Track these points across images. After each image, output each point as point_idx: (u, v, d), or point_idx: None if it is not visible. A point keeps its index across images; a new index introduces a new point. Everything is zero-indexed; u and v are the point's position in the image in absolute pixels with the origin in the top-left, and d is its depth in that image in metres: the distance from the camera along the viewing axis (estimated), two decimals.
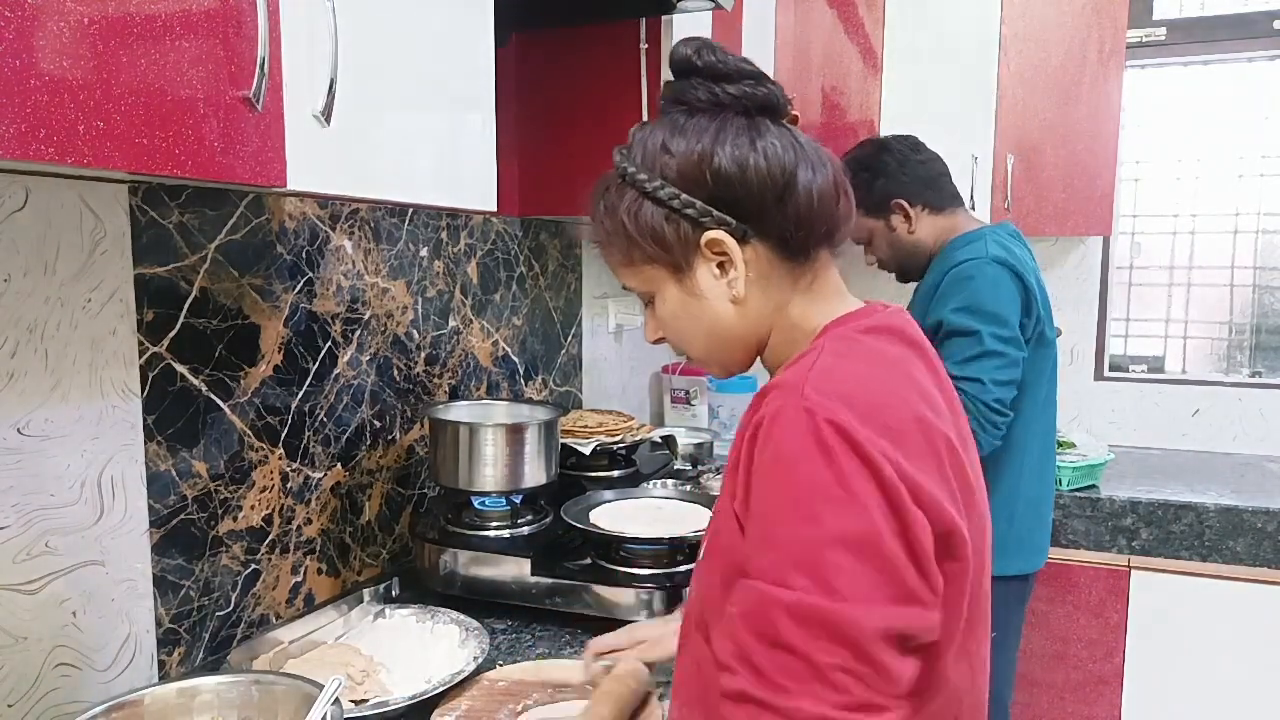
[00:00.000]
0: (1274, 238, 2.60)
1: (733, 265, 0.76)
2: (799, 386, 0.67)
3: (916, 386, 0.72)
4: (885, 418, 0.67)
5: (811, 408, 0.65)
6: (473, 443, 1.40)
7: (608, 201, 0.80)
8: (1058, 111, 2.36)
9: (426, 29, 1.04)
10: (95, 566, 1.02)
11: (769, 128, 0.76)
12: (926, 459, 0.68)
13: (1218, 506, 2.08)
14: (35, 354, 0.95)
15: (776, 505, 0.66)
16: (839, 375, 0.69)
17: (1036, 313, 1.69)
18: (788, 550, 0.65)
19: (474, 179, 1.15)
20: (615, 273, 0.84)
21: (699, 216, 0.75)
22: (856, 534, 0.63)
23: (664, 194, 0.75)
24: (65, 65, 0.61)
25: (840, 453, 0.64)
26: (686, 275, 0.78)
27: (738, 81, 0.76)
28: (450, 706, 1.06)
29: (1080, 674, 2.19)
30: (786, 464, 0.66)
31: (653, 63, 1.62)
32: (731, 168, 0.74)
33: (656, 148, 0.76)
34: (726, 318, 0.79)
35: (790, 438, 0.66)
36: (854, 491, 0.63)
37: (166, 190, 1.08)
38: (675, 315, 0.81)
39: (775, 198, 0.74)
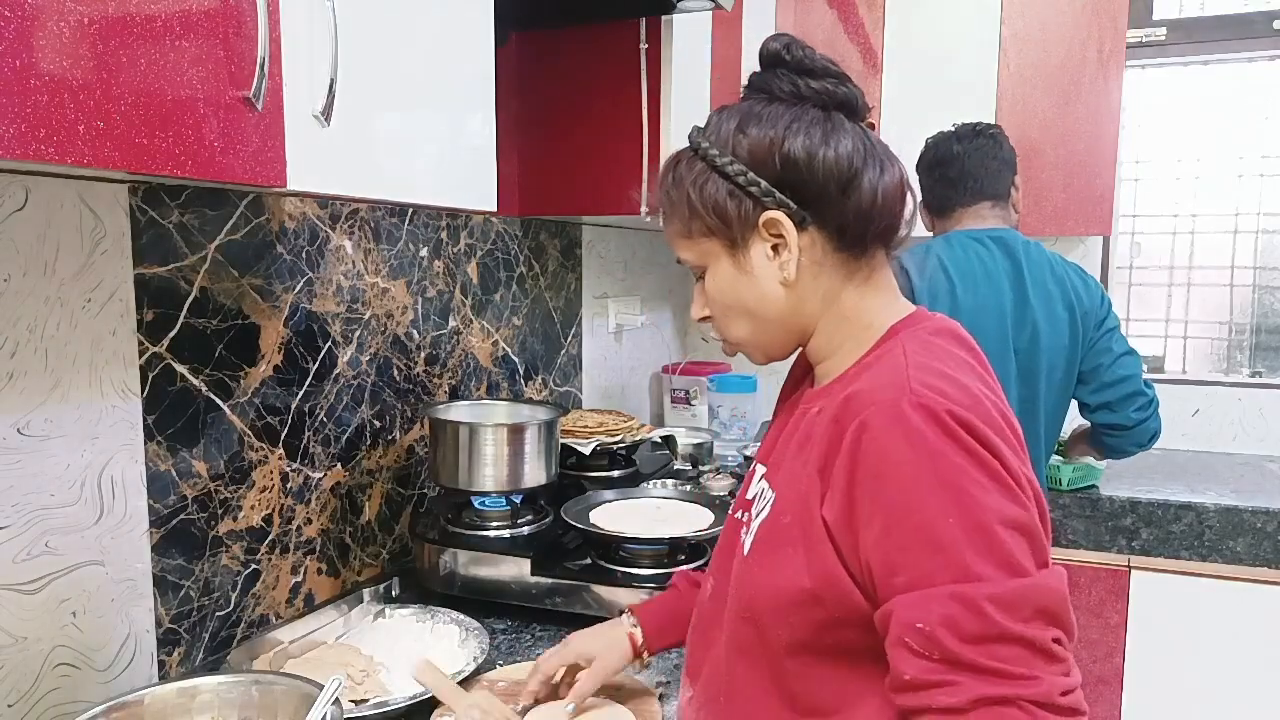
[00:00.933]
0: (1274, 238, 2.60)
1: (787, 248, 0.78)
2: (903, 385, 0.69)
3: (989, 383, 0.76)
4: (987, 415, 0.69)
5: (928, 403, 0.67)
6: (473, 443, 1.40)
7: (677, 173, 0.82)
8: (1058, 111, 2.36)
9: (426, 29, 1.04)
10: (95, 566, 1.02)
11: (844, 124, 0.78)
12: (1017, 454, 0.70)
13: (1218, 506, 2.08)
14: (35, 354, 0.95)
15: (924, 505, 0.66)
16: (938, 375, 0.70)
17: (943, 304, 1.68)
18: (960, 544, 0.64)
19: (474, 179, 1.15)
20: (672, 244, 0.85)
21: (761, 195, 0.77)
22: (1012, 515, 0.66)
23: (732, 170, 0.78)
24: (65, 65, 0.61)
25: (972, 444, 0.66)
26: (741, 252, 0.80)
27: (821, 78, 0.79)
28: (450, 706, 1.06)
29: (1080, 674, 2.19)
30: (918, 462, 0.66)
31: (653, 62, 1.62)
32: (800, 154, 0.76)
33: (732, 128, 0.79)
34: (773, 299, 0.80)
35: (913, 436, 0.66)
36: (997, 477, 0.66)
37: (166, 190, 1.08)
38: (723, 291, 0.82)
39: (839, 189, 0.76)
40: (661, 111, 1.62)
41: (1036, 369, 1.71)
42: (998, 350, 1.68)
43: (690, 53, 1.71)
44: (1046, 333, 1.70)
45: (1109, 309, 1.79)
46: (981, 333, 1.70)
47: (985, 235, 1.75)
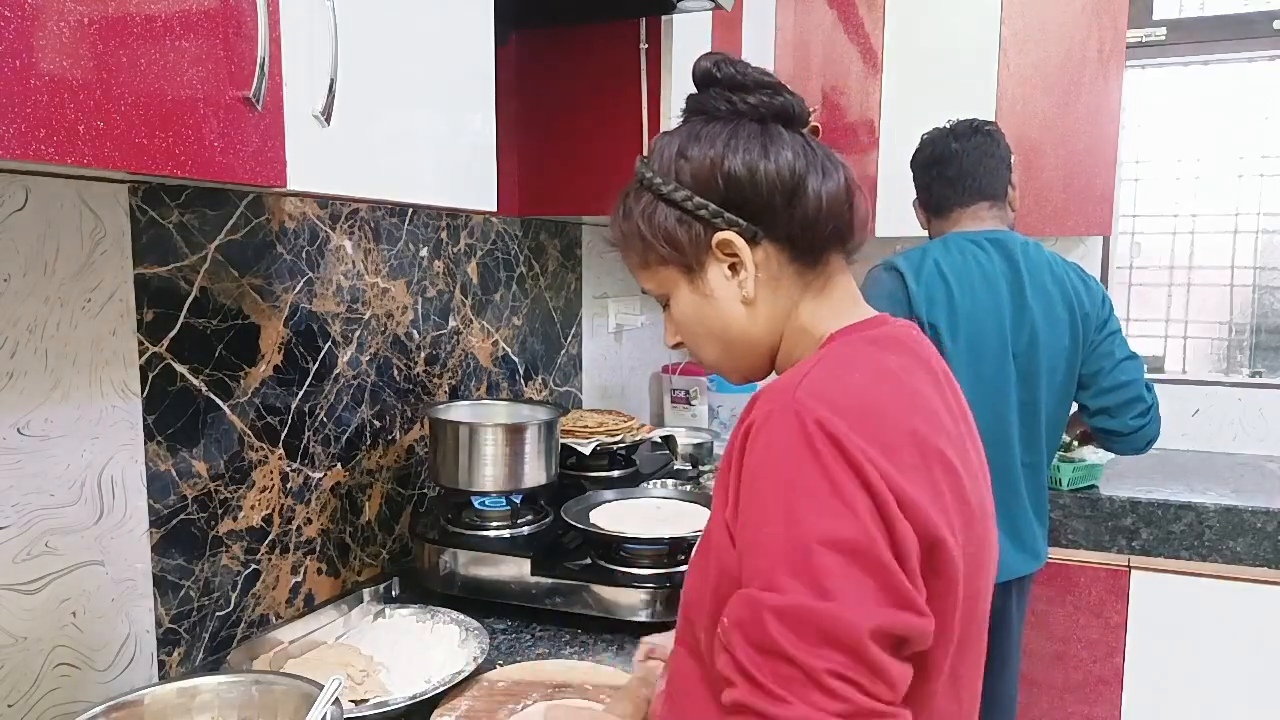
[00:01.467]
0: (1274, 237, 2.60)
1: (743, 266, 0.78)
2: (791, 389, 0.68)
3: (915, 399, 0.72)
4: (876, 427, 0.66)
5: (800, 410, 0.65)
6: (473, 443, 1.40)
7: (626, 206, 0.83)
8: (1058, 111, 2.36)
9: (426, 29, 1.04)
10: (95, 566, 1.02)
11: (781, 134, 0.78)
12: (918, 472, 0.67)
13: (1218, 506, 2.08)
14: (35, 354, 0.95)
15: (762, 508, 0.66)
16: (834, 381, 0.69)
17: (919, 314, 1.66)
18: (775, 553, 0.64)
19: (474, 179, 1.15)
20: (634, 275, 0.86)
21: (710, 218, 0.77)
22: (844, 536, 0.62)
23: (678, 196, 0.78)
24: (65, 65, 0.61)
25: (828, 455, 0.64)
26: (699, 276, 0.80)
27: (755, 91, 0.79)
28: (450, 706, 1.06)
29: (1080, 674, 2.19)
30: (773, 465, 0.66)
31: (653, 62, 1.62)
32: (741, 171, 0.76)
33: (673, 154, 0.79)
34: (738, 320, 0.80)
35: (778, 439, 0.66)
36: (842, 494, 0.63)
37: (166, 190, 1.08)
38: (689, 317, 0.83)
39: (784, 200, 0.76)
40: (661, 111, 1.62)
41: (1037, 371, 1.70)
42: (996, 354, 1.68)
43: (690, 53, 1.70)
44: (1046, 335, 1.69)
45: (1110, 311, 1.77)
46: (980, 336, 1.70)
47: (983, 237, 1.74)
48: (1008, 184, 1.81)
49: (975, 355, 1.67)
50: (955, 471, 0.70)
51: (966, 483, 0.72)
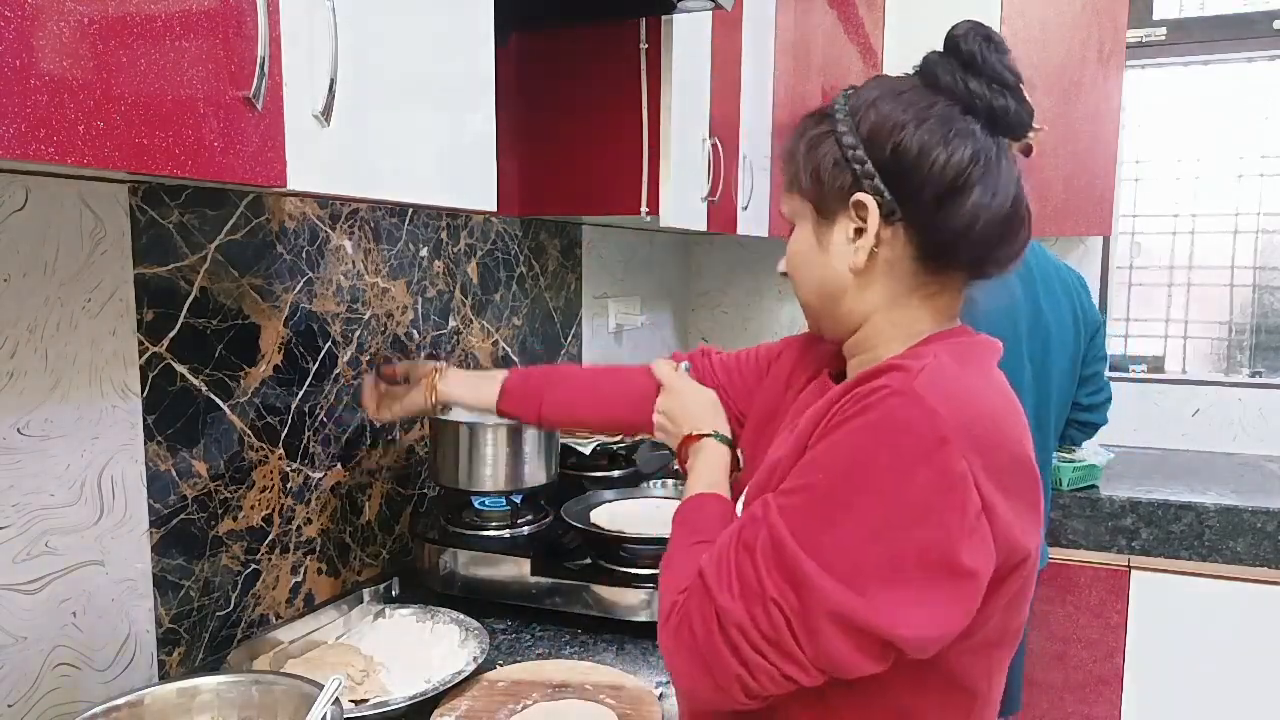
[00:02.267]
0: (1274, 237, 2.60)
1: (867, 235, 0.75)
2: (914, 374, 0.67)
3: (1016, 411, 0.73)
4: (984, 433, 0.67)
5: (920, 398, 0.65)
6: (473, 443, 1.40)
7: (805, 124, 0.81)
8: (1058, 111, 2.36)
9: (426, 29, 1.04)
10: (95, 566, 1.02)
11: (974, 133, 0.74)
12: (1019, 498, 0.68)
13: (1218, 506, 2.08)
14: (35, 354, 0.95)
15: (831, 458, 0.67)
16: (953, 379, 0.69)
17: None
18: (811, 494, 0.66)
19: (474, 179, 1.15)
20: (782, 193, 0.85)
21: (861, 175, 0.75)
22: (882, 518, 0.64)
23: (846, 140, 0.76)
24: (65, 65, 0.61)
25: (918, 451, 0.64)
26: (825, 223, 0.79)
27: (982, 80, 0.75)
28: (450, 706, 1.06)
29: (1080, 674, 2.19)
30: (860, 431, 0.66)
31: (653, 63, 1.62)
32: (912, 148, 0.73)
33: (869, 100, 0.76)
34: (837, 282, 0.79)
35: (884, 413, 0.66)
36: (925, 502, 0.64)
37: (166, 190, 1.08)
38: (800, 255, 0.82)
39: (935, 197, 0.73)
40: (661, 111, 1.62)
41: (1049, 373, 1.70)
42: (1012, 354, 1.67)
43: (690, 53, 1.71)
44: (1057, 337, 1.70)
45: (1099, 313, 1.85)
46: (998, 337, 1.70)
47: None
48: None
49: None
50: (1039, 483, 0.72)
51: (1040, 493, 0.73)
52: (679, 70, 1.65)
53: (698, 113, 1.76)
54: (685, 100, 1.69)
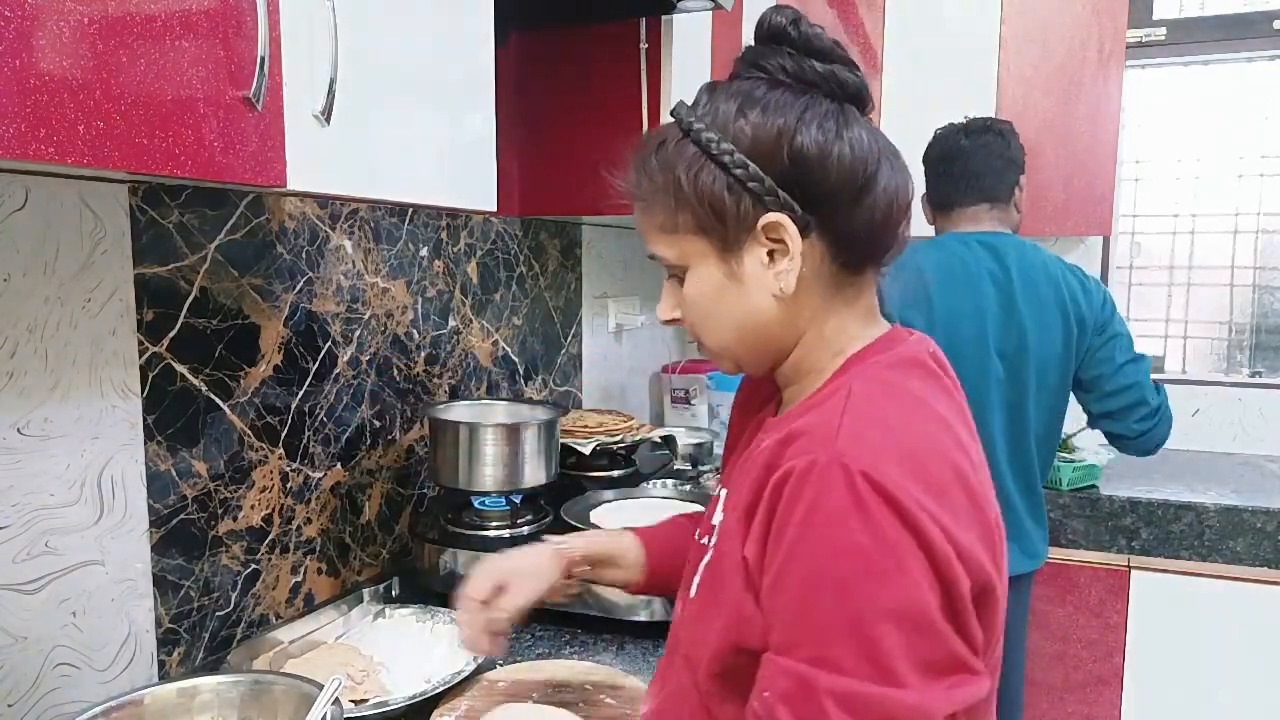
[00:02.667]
0: (1274, 237, 2.60)
1: (786, 256, 0.69)
2: (831, 436, 0.61)
3: (948, 429, 0.67)
4: (925, 471, 0.61)
5: (846, 463, 0.59)
6: (473, 443, 1.40)
7: (664, 156, 0.72)
8: (1058, 111, 2.36)
9: (426, 28, 1.04)
10: (95, 566, 1.02)
11: (857, 118, 0.70)
12: (968, 513, 0.63)
13: (1218, 506, 2.08)
14: (35, 354, 0.95)
15: (814, 575, 0.60)
16: (873, 423, 0.63)
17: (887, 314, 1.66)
18: (831, 627, 0.58)
19: (474, 179, 1.15)
20: (648, 238, 0.75)
21: (764, 194, 0.68)
22: (906, 608, 0.58)
23: (731, 160, 0.68)
24: (65, 65, 0.61)
25: (882, 516, 0.58)
26: (732, 256, 0.71)
27: (830, 61, 0.70)
28: (450, 706, 1.06)
29: (1080, 674, 2.19)
30: (823, 528, 0.59)
31: (653, 63, 1.62)
32: (812, 150, 0.67)
33: (732, 111, 0.69)
34: (763, 312, 0.72)
35: (826, 498, 0.59)
36: (900, 560, 0.58)
37: (166, 190, 1.08)
38: (706, 297, 0.73)
39: (851, 196, 0.68)
40: (661, 112, 1.62)
41: (1025, 374, 1.69)
42: (975, 355, 1.67)
43: (690, 53, 1.71)
44: (1036, 337, 1.68)
45: (1112, 314, 1.75)
46: (957, 336, 1.69)
47: (973, 239, 1.74)
48: (1014, 186, 1.80)
49: (953, 355, 1.66)
50: (991, 502, 0.67)
51: (995, 510, 0.68)
52: (679, 70, 1.65)
53: None
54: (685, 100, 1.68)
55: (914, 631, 0.58)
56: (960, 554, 0.60)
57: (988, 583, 0.63)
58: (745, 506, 0.67)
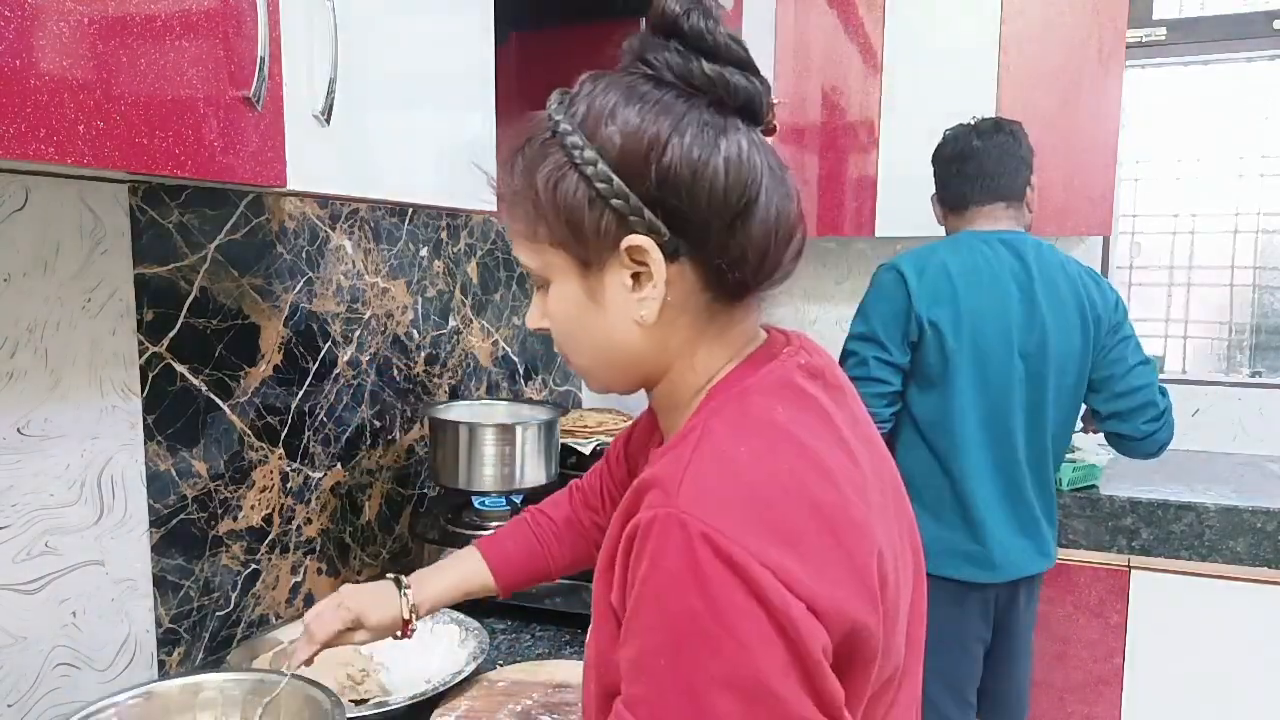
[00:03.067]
0: (1274, 237, 2.60)
1: (650, 281, 0.62)
2: (674, 488, 0.57)
3: (813, 460, 0.60)
4: (774, 517, 0.56)
5: (685, 519, 0.55)
6: (473, 443, 1.40)
7: (529, 155, 0.65)
8: (1058, 111, 2.36)
9: (426, 28, 1.04)
10: (95, 566, 1.02)
11: (740, 132, 0.62)
12: (828, 552, 0.57)
13: (1218, 506, 2.08)
14: (35, 354, 0.95)
15: (650, 634, 0.56)
16: (719, 470, 0.58)
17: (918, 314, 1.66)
18: (664, 691, 0.55)
19: (474, 179, 1.15)
20: (513, 242, 0.69)
21: (628, 213, 0.61)
22: (739, 677, 0.54)
23: (594, 172, 0.61)
24: (65, 65, 0.61)
25: (715, 577, 0.54)
26: (593, 276, 0.64)
27: (719, 62, 0.62)
28: (450, 706, 1.06)
29: (1080, 674, 2.19)
30: (659, 588, 0.56)
31: None
32: (683, 170, 0.60)
33: (604, 111, 0.62)
34: (623, 338, 0.65)
35: (663, 557, 0.55)
36: (732, 626, 0.53)
37: (166, 190, 1.08)
38: (567, 315, 0.67)
39: (724, 223, 0.61)
40: None
41: (1045, 372, 1.70)
42: (1002, 353, 1.68)
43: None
44: (1056, 336, 1.69)
45: (1124, 316, 1.77)
46: (984, 336, 1.70)
47: (994, 237, 1.74)
48: (1026, 185, 1.81)
49: (979, 354, 1.67)
50: (868, 532, 0.60)
51: (879, 533, 0.62)
52: None
53: None
54: None
55: (750, 700, 0.54)
56: (814, 607, 0.55)
57: (856, 626, 0.57)
58: (609, 552, 0.64)
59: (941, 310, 1.66)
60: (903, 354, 1.69)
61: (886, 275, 1.73)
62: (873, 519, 0.61)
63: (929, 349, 1.67)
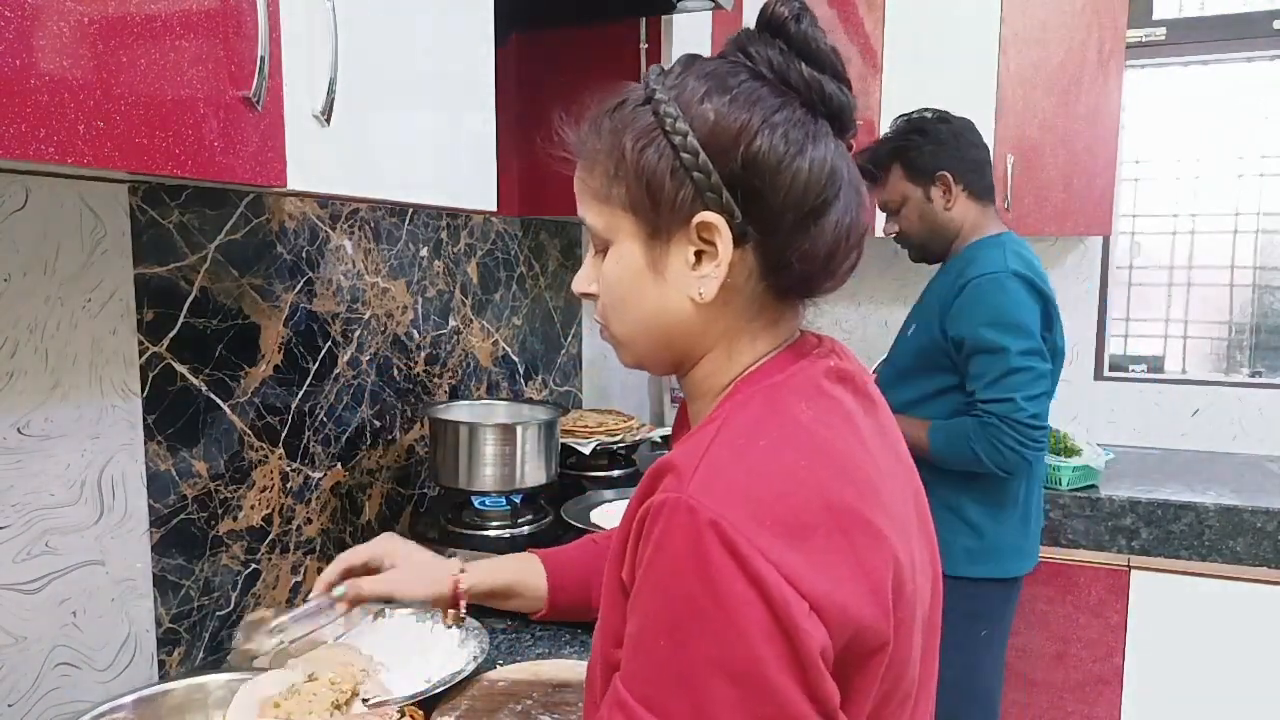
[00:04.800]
0: (1274, 237, 2.60)
1: (713, 260, 0.63)
2: (689, 475, 0.58)
3: (828, 457, 0.61)
4: (784, 512, 0.57)
5: (694, 505, 0.56)
6: (473, 443, 1.40)
7: (619, 117, 0.66)
8: (1058, 111, 2.36)
9: (426, 29, 1.04)
10: (95, 566, 1.02)
11: (828, 137, 0.64)
12: (837, 553, 0.57)
13: (1218, 506, 2.08)
14: (35, 354, 0.95)
15: (652, 615, 0.57)
16: (734, 461, 0.59)
17: (1056, 325, 1.69)
18: (662, 670, 0.56)
19: (474, 179, 1.15)
20: (581, 200, 0.70)
21: (706, 189, 0.62)
22: (736, 664, 0.54)
23: (682, 143, 0.62)
24: (65, 65, 0.61)
25: (720, 565, 0.54)
26: (658, 245, 0.65)
27: (820, 69, 0.64)
28: (450, 706, 1.06)
29: (1080, 674, 2.19)
30: (663, 571, 0.57)
31: (653, 62, 1.62)
32: (769, 158, 0.61)
33: (700, 92, 0.63)
34: (676, 314, 0.66)
35: (670, 540, 0.56)
36: (732, 614, 0.54)
37: (166, 190, 1.08)
38: (621, 282, 0.68)
39: (798, 217, 0.62)
40: None
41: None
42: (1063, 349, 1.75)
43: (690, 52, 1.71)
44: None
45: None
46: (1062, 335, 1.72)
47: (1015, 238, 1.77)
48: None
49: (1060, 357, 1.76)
50: (884, 538, 0.60)
51: (898, 542, 0.62)
52: None
53: None
54: None
55: (746, 688, 0.54)
56: (816, 605, 0.55)
57: (861, 628, 0.57)
58: (624, 531, 0.64)
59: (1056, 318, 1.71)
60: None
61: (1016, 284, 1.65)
62: (892, 527, 0.61)
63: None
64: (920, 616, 0.66)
